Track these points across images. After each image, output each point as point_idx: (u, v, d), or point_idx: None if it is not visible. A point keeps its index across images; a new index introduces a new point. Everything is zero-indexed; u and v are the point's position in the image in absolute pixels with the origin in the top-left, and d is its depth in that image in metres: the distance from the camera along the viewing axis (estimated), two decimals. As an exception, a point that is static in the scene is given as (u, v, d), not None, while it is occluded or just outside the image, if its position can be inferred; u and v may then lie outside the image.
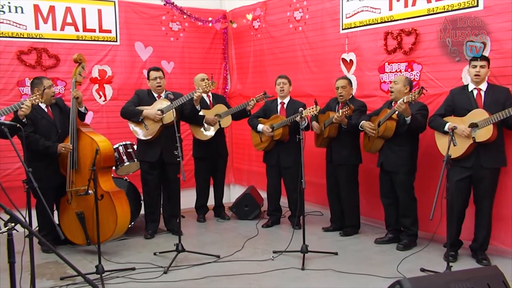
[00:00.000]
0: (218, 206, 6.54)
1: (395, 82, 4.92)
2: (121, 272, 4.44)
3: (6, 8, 6.19)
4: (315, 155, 6.02)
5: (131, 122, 5.50)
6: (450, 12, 4.90)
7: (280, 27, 7.03)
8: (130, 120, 5.49)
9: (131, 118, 5.46)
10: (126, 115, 5.49)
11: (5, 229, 2.19)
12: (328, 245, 5.13)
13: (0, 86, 6.21)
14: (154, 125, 5.40)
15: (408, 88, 4.87)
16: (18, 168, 6.15)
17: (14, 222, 2.20)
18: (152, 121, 5.39)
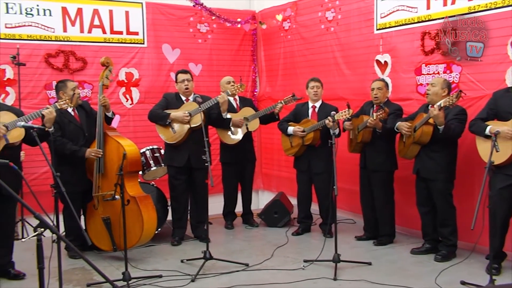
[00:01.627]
0: (246, 212, 6.55)
1: (433, 84, 4.84)
2: (148, 280, 4.47)
3: (34, 11, 6.35)
4: (348, 161, 5.97)
5: (158, 125, 5.55)
6: (493, 10, 4.78)
7: (311, 28, 7.01)
8: (158, 124, 5.55)
9: (159, 121, 5.52)
10: (154, 118, 5.55)
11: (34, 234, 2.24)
12: (362, 255, 5.07)
13: (28, 89, 6.36)
14: (182, 129, 5.44)
15: (446, 91, 4.78)
16: (45, 173, 6.28)
17: (44, 227, 2.24)
18: (179, 124, 5.44)
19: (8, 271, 4.57)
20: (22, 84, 6.21)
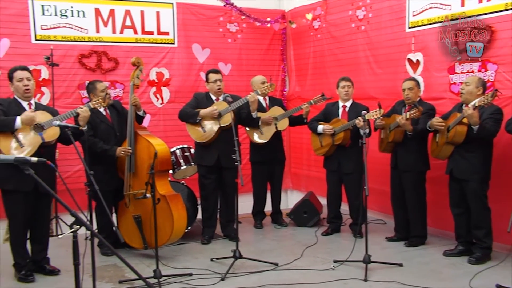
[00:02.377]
0: (275, 212, 6.55)
1: (467, 83, 4.75)
2: (178, 278, 4.52)
3: (69, 13, 6.49)
4: (379, 161, 5.91)
5: (188, 124, 5.60)
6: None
7: (341, 27, 6.96)
8: (188, 122, 5.59)
9: (189, 119, 5.56)
10: (184, 117, 5.60)
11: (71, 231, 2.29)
12: (392, 256, 5.01)
13: (62, 89, 6.50)
14: (212, 128, 5.47)
15: (481, 90, 4.68)
16: (77, 171, 6.41)
17: (79, 225, 2.29)
18: (210, 121, 5.46)
19: (43, 267, 4.69)
20: (56, 84, 6.36)
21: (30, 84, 4.50)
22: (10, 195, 4.43)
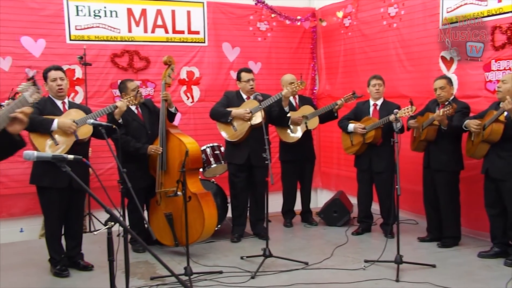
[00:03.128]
0: (305, 211, 6.53)
1: (504, 81, 4.63)
2: (209, 275, 4.55)
3: (102, 13, 6.60)
4: (410, 160, 5.83)
5: (220, 123, 5.62)
6: None
7: (372, 24, 6.88)
8: (219, 121, 5.61)
9: (220, 118, 5.58)
10: (215, 116, 5.62)
11: (106, 227, 2.32)
12: (425, 257, 4.94)
13: (95, 88, 6.61)
14: (243, 126, 5.49)
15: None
16: (110, 169, 6.50)
17: (114, 221, 2.32)
18: (240, 121, 5.48)
19: (77, 262, 4.79)
20: (89, 83, 6.48)
21: (63, 83, 4.59)
22: (46, 192, 4.54)
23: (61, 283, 4.48)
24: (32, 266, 4.94)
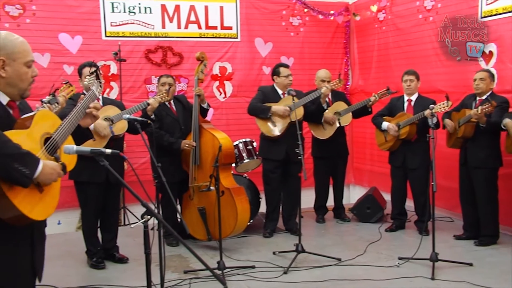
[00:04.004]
0: (338, 207, 6.49)
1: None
2: (242, 270, 4.57)
3: (136, 9, 6.70)
4: (446, 156, 5.73)
5: (258, 119, 5.61)
6: None
7: (408, 18, 6.77)
8: (258, 117, 5.61)
9: (260, 114, 5.57)
10: (254, 111, 5.61)
11: (142, 220, 2.35)
12: (461, 255, 4.84)
13: (129, 84, 6.71)
14: (282, 122, 5.46)
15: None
16: (143, 163, 6.59)
17: (150, 215, 2.35)
18: (280, 117, 5.47)
19: (113, 255, 4.88)
20: (123, 79, 6.59)
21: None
22: (83, 186, 4.64)
23: (97, 275, 4.58)
24: (69, 257, 5.07)
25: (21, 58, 2.26)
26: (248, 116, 7.10)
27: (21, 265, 2.27)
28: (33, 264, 2.35)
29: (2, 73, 2.21)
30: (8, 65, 2.22)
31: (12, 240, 2.20)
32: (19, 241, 2.24)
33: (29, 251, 2.32)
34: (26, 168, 2.04)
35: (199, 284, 4.28)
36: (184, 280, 4.36)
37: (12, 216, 2.08)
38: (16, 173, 2.01)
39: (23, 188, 2.07)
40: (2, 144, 1.99)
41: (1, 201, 2.03)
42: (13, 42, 2.24)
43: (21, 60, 2.25)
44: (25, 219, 2.11)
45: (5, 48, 2.21)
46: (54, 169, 2.19)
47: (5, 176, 2.00)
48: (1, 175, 2.00)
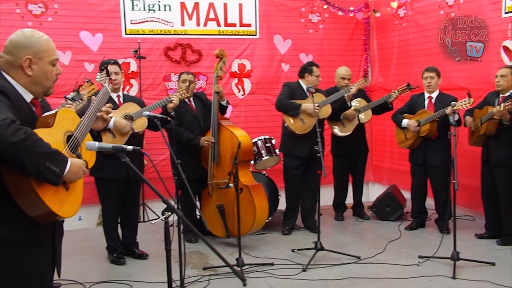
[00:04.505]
0: (357, 205, 6.45)
1: None
2: (260, 267, 4.57)
3: (156, 7, 6.73)
4: (468, 154, 5.65)
5: (287, 115, 5.57)
6: None
7: (429, 14, 6.67)
8: (286, 114, 5.57)
9: (289, 111, 5.53)
10: (284, 108, 5.56)
11: (163, 216, 2.36)
12: (483, 254, 4.76)
13: (149, 81, 6.75)
14: (310, 120, 5.43)
15: None
16: (163, 160, 6.63)
17: (171, 212, 2.36)
18: (307, 115, 5.44)
19: (133, 251, 4.92)
20: (143, 76, 6.63)
21: (118, 78, 4.70)
22: (104, 183, 4.68)
23: (117, 270, 4.62)
24: (90, 253, 5.13)
25: (47, 57, 2.27)
26: (266, 114, 7.13)
27: (44, 261, 2.31)
28: (54, 260, 2.38)
29: (28, 71, 2.23)
30: (35, 63, 2.24)
31: (36, 237, 2.23)
32: (42, 238, 2.28)
33: (51, 247, 2.35)
34: (56, 166, 2.06)
35: (218, 281, 4.29)
36: (203, 276, 4.38)
37: (40, 214, 2.11)
38: (47, 172, 2.03)
39: (51, 186, 2.09)
40: (34, 142, 2.01)
41: (31, 198, 2.06)
42: (39, 41, 2.26)
43: (47, 59, 2.27)
44: (53, 216, 2.14)
45: (32, 47, 2.23)
46: (80, 167, 2.21)
47: (36, 174, 2.03)
48: (33, 173, 2.02)
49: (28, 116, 2.22)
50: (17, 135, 1.94)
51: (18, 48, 2.22)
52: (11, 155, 1.97)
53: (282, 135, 5.77)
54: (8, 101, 2.09)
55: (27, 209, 2.09)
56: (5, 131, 1.92)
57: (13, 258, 2.14)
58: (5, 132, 1.92)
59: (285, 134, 5.70)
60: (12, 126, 1.94)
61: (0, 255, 2.11)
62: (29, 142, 1.98)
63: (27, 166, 1.99)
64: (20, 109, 2.16)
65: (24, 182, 2.04)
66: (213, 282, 4.25)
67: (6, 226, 2.11)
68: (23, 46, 2.22)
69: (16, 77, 2.23)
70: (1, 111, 1.99)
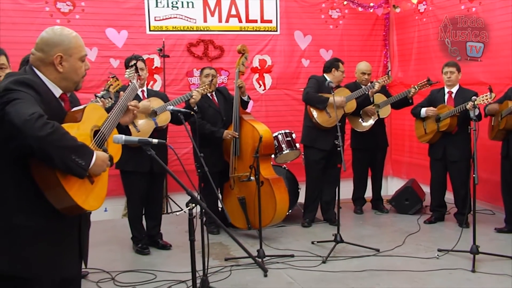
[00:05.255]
0: (376, 198, 6.40)
1: None
2: (281, 258, 4.57)
3: (179, 4, 6.75)
4: (487, 149, 5.56)
5: (313, 108, 5.54)
6: None
7: (449, 9, 6.54)
8: (314, 107, 5.54)
9: (317, 104, 5.50)
10: (312, 100, 5.53)
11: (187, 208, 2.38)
12: (503, 248, 4.68)
13: (172, 76, 6.79)
14: (337, 113, 5.37)
15: None
16: (185, 154, 6.64)
17: (195, 203, 2.37)
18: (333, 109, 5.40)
19: (157, 241, 4.97)
20: (166, 72, 6.66)
21: (142, 73, 4.73)
22: (129, 176, 4.73)
23: (142, 260, 4.67)
24: (116, 243, 5.19)
25: (76, 54, 2.30)
26: (286, 108, 7.11)
27: (71, 251, 2.34)
28: (80, 249, 2.41)
29: (59, 68, 2.25)
30: (65, 60, 2.26)
31: (63, 228, 2.26)
32: (69, 229, 2.31)
33: (77, 238, 2.38)
34: (82, 159, 2.08)
35: (239, 272, 4.31)
36: (225, 267, 4.40)
37: (66, 206, 2.14)
38: (73, 164, 2.05)
39: (77, 180, 2.12)
40: (61, 136, 2.03)
41: (57, 191, 2.09)
42: (69, 38, 2.28)
43: (76, 56, 2.30)
44: (78, 209, 2.16)
45: (62, 44, 2.26)
46: (104, 160, 2.23)
47: (62, 167, 2.05)
48: (59, 166, 2.04)
49: (57, 110, 2.25)
50: (45, 129, 1.96)
51: (49, 46, 2.25)
52: (38, 149, 1.99)
53: (304, 127, 5.74)
54: (37, 95, 2.12)
55: (54, 202, 2.12)
56: (33, 125, 1.95)
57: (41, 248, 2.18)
58: (33, 126, 1.95)
59: (308, 127, 5.66)
60: (40, 120, 1.97)
61: (28, 245, 2.15)
62: (56, 136, 2.00)
63: (54, 160, 2.01)
64: (49, 104, 2.18)
65: (51, 175, 2.07)
66: (234, 273, 4.27)
67: (35, 217, 2.15)
68: (54, 43, 2.25)
69: (46, 73, 2.26)
70: (30, 106, 2.02)
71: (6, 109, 2.00)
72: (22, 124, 1.95)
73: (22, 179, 2.11)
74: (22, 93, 2.06)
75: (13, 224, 2.12)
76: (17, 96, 2.04)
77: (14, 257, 2.13)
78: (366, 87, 5.59)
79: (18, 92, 2.06)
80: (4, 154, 2.10)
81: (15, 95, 2.04)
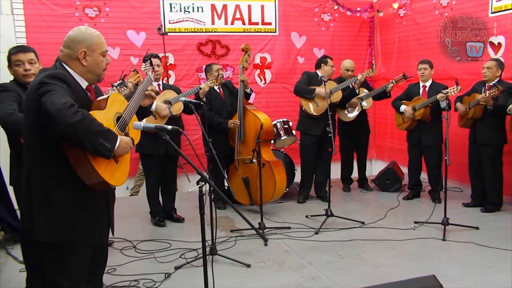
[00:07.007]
0: (361, 178, 6.41)
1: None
2: (279, 230, 4.61)
3: (190, 9, 6.71)
4: (457, 135, 5.55)
5: (303, 99, 5.55)
6: None
7: (425, 14, 6.51)
8: (303, 97, 5.54)
9: (304, 95, 5.50)
10: (300, 92, 5.53)
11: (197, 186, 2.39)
12: (469, 220, 4.74)
13: (184, 72, 6.77)
14: (324, 103, 5.40)
15: None
16: (195, 139, 6.65)
17: (204, 182, 2.39)
18: (321, 99, 5.41)
19: (171, 215, 5.01)
20: (179, 68, 6.65)
21: (159, 69, 4.72)
22: (148, 158, 4.75)
23: (159, 231, 4.72)
24: (136, 216, 5.23)
25: (98, 49, 2.31)
26: (284, 100, 7.11)
27: (102, 220, 2.38)
28: (109, 220, 2.45)
29: (84, 62, 2.27)
30: (89, 55, 2.28)
31: (94, 201, 2.30)
32: (99, 202, 2.35)
33: (105, 210, 2.41)
34: (108, 142, 2.11)
35: (243, 241, 4.35)
36: (230, 237, 4.44)
37: (96, 182, 2.17)
38: (100, 147, 2.08)
39: (104, 159, 2.14)
40: (90, 123, 2.06)
41: (88, 169, 2.13)
42: (91, 36, 2.30)
43: (98, 51, 2.31)
44: (106, 185, 2.19)
45: (86, 41, 2.27)
46: (127, 143, 2.26)
47: (91, 149, 2.08)
48: (89, 148, 2.07)
49: (84, 100, 2.27)
50: (76, 116, 1.99)
51: (75, 43, 2.26)
52: (71, 134, 2.02)
53: (299, 116, 5.75)
54: (67, 87, 2.14)
55: (85, 178, 2.15)
56: (66, 113, 1.97)
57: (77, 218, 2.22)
58: (66, 114, 1.97)
59: (302, 115, 5.68)
60: (72, 109, 1.99)
61: (67, 217, 2.19)
62: (85, 122, 2.03)
63: (85, 143, 2.04)
64: (78, 95, 2.21)
65: (82, 155, 2.10)
66: (239, 242, 4.31)
67: (71, 193, 2.19)
68: (79, 41, 2.26)
69: (73, 67, 2.28)
70: (62, 96, 2.04)
71: (42, 99, 2.02)
72: (56, 113, 1.97)
73: (58, 161, 2.15)
74: (55, 85, 2.08)
75: (53, 199, 2.16)
76: (51, 88, 2.06)
77: (55, 227, 2.17)
78: (351, 79, 5.57)
79: (51, 85, 2.07)
80: (43, 139, 2.13)
81: (48, 88, 2.06)
